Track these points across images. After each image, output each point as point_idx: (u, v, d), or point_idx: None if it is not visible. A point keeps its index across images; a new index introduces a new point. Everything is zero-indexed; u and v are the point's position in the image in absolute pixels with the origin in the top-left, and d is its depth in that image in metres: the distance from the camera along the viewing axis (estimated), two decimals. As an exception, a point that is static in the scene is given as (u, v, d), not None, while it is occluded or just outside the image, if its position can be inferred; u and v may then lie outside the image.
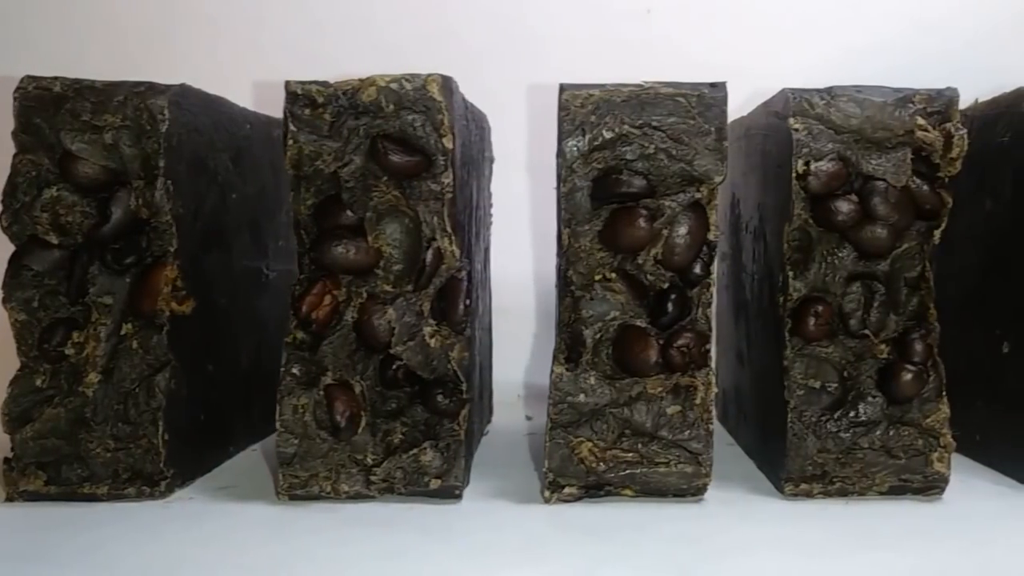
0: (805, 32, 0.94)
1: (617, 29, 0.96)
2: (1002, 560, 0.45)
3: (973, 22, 0.93)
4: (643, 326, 0.54)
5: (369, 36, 0.92)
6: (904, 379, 0.53)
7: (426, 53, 0.93)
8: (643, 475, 0.54)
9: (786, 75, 0.94)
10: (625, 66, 0.95)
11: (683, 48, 0.94)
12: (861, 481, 0.55)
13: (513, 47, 0.95)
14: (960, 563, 0.45)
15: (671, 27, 0.95)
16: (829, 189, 0.53)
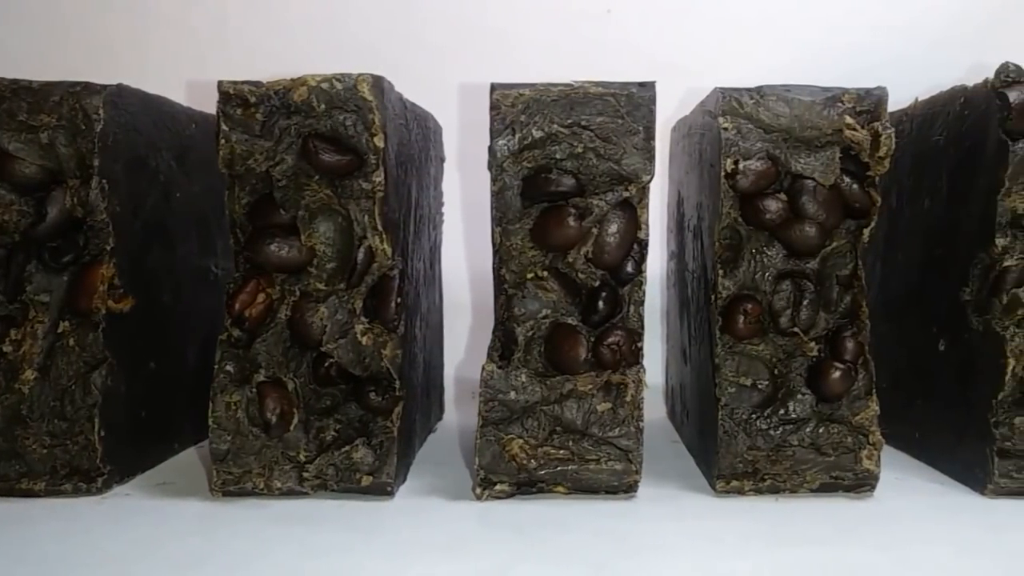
0: (768, 31, 0.94)
1: (577, 29, 0.96)
2: (923, 558, 0.46)
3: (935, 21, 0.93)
4: (574, 324, 0.54)
5: (332, 35, 0.92)
6: (833, 377, 0.54)
7: (386, 53, 0.93)
8: (574, 472, 0.54)
9: (746, 74, 0.94)
10: (585, 66, 0.95)
11: (643, 48, 0.95)
12: (792, 478, 0.55)
13: (474, 47, 0.95)
14: (878, 559, 0.45)
15: (631, 27, 0.96)
16: (758, 188, 0.54)
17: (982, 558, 0.46)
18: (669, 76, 0.87)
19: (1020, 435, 0.54)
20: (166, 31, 0.92)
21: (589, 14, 0.97)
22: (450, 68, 0.96)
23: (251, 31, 0.94)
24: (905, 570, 0.44)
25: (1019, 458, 0.54)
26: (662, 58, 0.94)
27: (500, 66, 0.94)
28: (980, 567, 0.45)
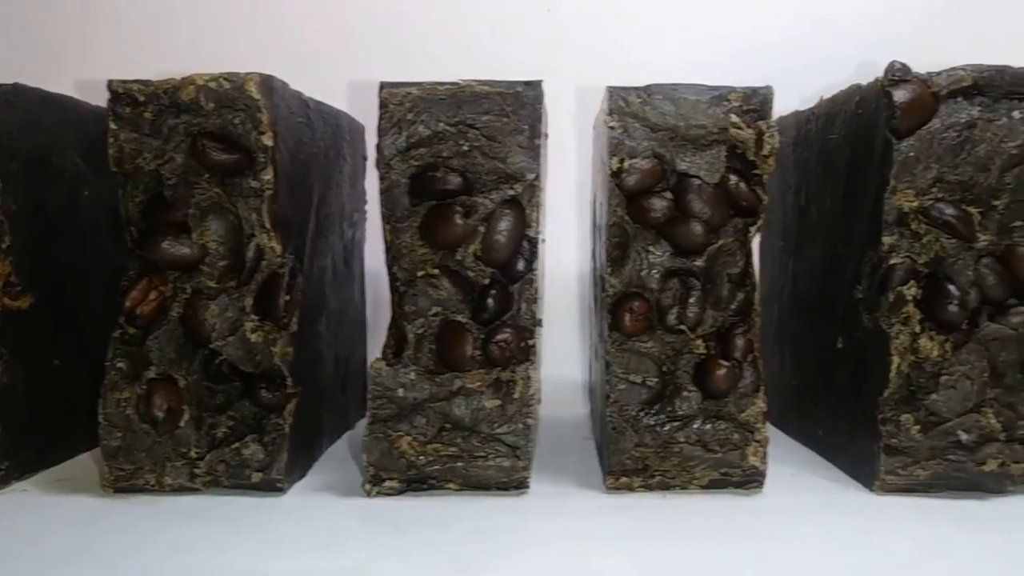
0: (706, 30, 0.94)
1: (518, 28, 0.96)
2: (792, 554, 0.46)
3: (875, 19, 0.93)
4: (463, 321, 0.54)
5: (272, 36, 0.93)
6: (718, 374, 0.54)
7: (325, 52, 0.93)
8: (463, 469, 0.54)
9: (682, 72, 0.94)
10: (526, 65, 0.95)
11: (584, 47, 0.95)
12: (681, 475, 0.55)
13: (417, 46, 0.95)
14: (744, 554, 0.46)
15: (572, 26, 0.96)
16: (643, 186, 0.54)
17: (852, 555, 0.46)
18: (610, 74, 0.87)
19: (906, 432, 0.54)
20: (111, 29, 0.93)
21: (530, 13, 0.97)
22: (390, 68, 0.96)
23: (196, 31, 0.94)
24: (768, 566, 0.44)
25: (905, 455, 0.54)
26: (602, 56, 0.95)
27: (440, 66, 0.94)
28: (846, 563, 0.45)
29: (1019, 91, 0.54)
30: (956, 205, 0.54)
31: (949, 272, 0.54)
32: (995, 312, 0.54)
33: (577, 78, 0.95)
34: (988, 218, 0.54)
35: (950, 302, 0.54)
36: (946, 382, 0.54)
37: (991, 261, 0.54)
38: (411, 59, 0.93)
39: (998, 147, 0.54)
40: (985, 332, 0.54)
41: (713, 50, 0.94)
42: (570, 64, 0.95)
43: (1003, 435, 0.54)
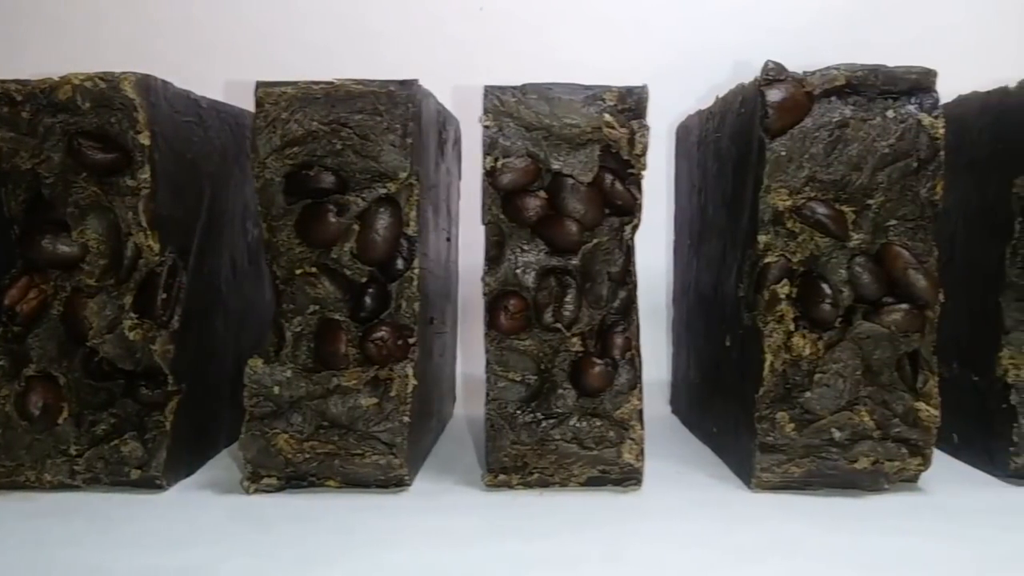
0: (641, 30, 0.94)
1: (450, 27, 0.96)
2: (641, 551, 0.46)
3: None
4: (340, 320, 0.55)
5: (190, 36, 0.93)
6: (592, 372, 0.54)
7: (260, 53, 0.93)
8: (341, 467, 0.55)
9: (615, 71, 0.95)
10: (458, 64, 0.96)
11: (516, 46, 0.95)
12: (559, 472, 0.55)
13: (350, 45, 0.96)
14: (589, 552, 0.46)
15: (504, 25, 0.96)
16: (517, 185, 0.54)
17: (707, 551, 0.46)
18: (541, 73, 0.87)
19: (781, 430, 0.54)
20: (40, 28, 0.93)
21: (462, 12, 0.97)
22: (324, 67, 0.96)
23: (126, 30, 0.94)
24: (616, 563, 0.45)
25: (780, 453, 0.55)
26: (534, 55, 0.95)
27: (371, 64, 0.95)
28: (697, 559, 0.45)
29: (893, 90, 0.54)
30: (829, 204, 0.54)
31: (823, 271, 0.55)
32: (869, 311, 0.55)
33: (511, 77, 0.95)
34: (862, 217, 0.55)
35: (823, 300, 0.54)
36: (820, 380, 0.54)
37: (865, 260, 0.54)
38: (336, 58, 0.93)
39: (871, 146, 0.54)
40: (859, 331, 0.54)
41: (654, 50, 0.94)
42: (502, 63, 0.95)
43: (877, 433, 0.54)
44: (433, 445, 0.66)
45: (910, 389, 0.55)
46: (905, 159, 0.54)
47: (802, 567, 0.44)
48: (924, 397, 0.55)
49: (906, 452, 0.55)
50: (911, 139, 0.54)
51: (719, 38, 0.93)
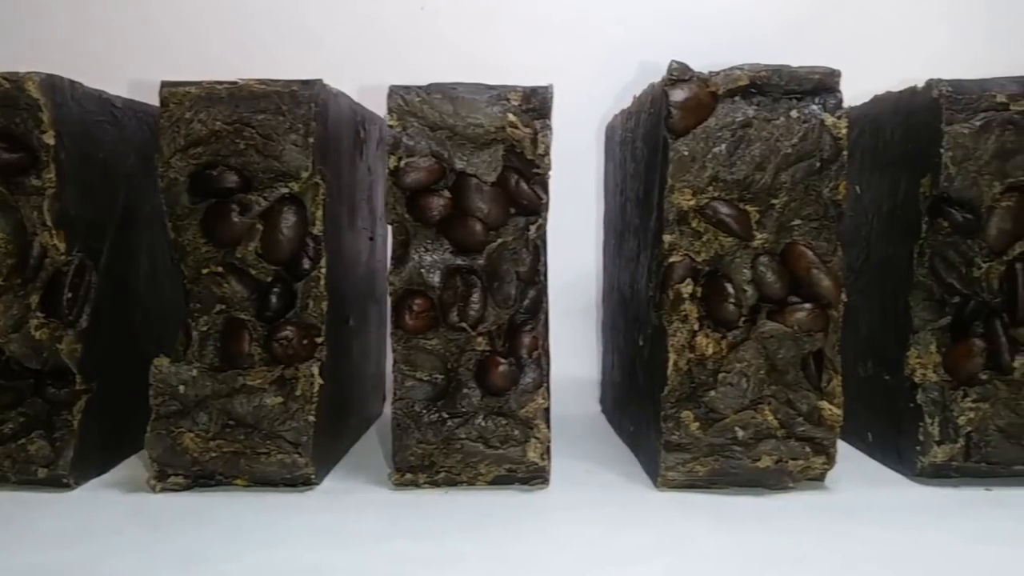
0: (577, 29, 0.95)
1: (391, 26, 0.96)
2: (520, 550, 0.46)
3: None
4: (245, 319, 0.55)
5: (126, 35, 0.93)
6: (496, 371, 0.54)
7: (196, 53, 0.93)
8: (247, 465, 0.55)
9: (554, 73, 0.95)
10: (399, 64, 0.96)
11: (456, 45, 0.95)
12: (466, 471, 0.56)
13: (288, 45, 0.96)
14: (469, 551, 0.46)
15: (445, 25, 0.96)
16: (421, 185, 0.54)
17: (597, 550, 0.47)
18: (482, 73, 0.87)
19: (686, 429, 0.55)
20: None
21: (403, 11, 0.97)
22: (262, 67, 0.96)
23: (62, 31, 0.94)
24: (493, 562, 0.45)
25: (685, 451, 0.55)
26: (475, 55, 0.95)
27: (311, 64, 0.95)
28: (584, 559, 0.45)
29: (797, 91, 0.54)
30: (732, 204, 0.54)
31: (728, 270, 0.55)
32: (774, 310, 0.55)
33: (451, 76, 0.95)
34: (767, 216, 0.55)
35: (726, 300, 0.54)
36: (724, 379, 0.55)
37: (769, 259, 0.55)
38: (275, 58, 0.93)
39: (774, 146, 0.54)
40: (763, 330, 0.55)
41: (590, 50, 0.94)
42: (442, 63, 0.96)
43: (781, 432, 0.55)
44: (352, 444, 0.66)
45: (815, 388, 0.55)
46: (808, 159, 0.54)
47: (687, 566, 0.45)
48: (828, 396, 0.55)
49: (810, 451, 0.55)
50: (814, 139, 0.54)
51: (659, 37, 0.94)
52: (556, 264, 0.87)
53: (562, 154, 0.88)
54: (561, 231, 0.88)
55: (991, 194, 0.55)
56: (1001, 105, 0.55)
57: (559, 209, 0.89)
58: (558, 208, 0.88)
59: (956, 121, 0.55)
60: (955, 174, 0.55)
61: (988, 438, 0.56)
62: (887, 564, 0.45)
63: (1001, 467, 0.56)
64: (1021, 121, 0.55)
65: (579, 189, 0.87)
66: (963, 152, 0.55)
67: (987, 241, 0.56)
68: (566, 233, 0.87)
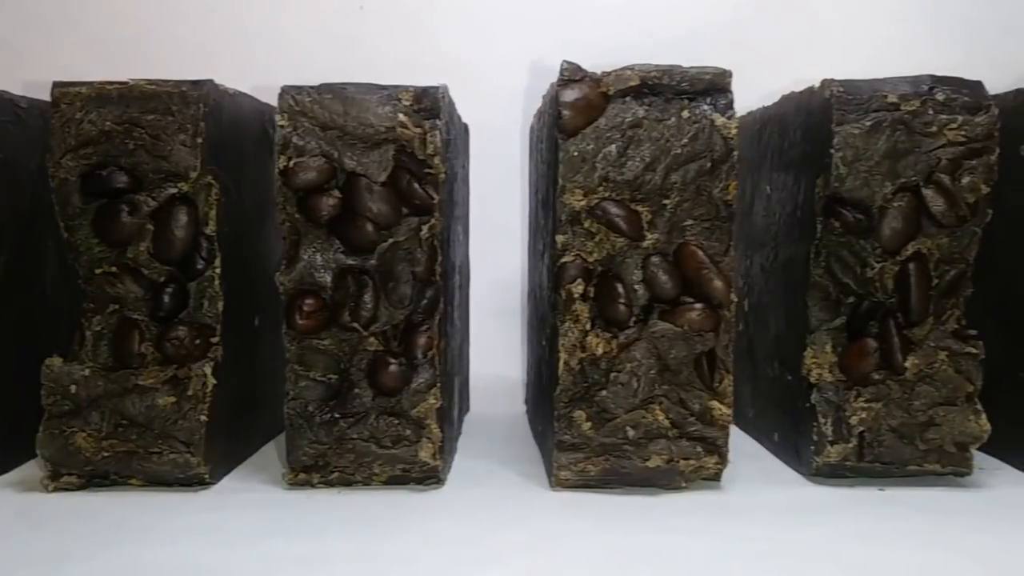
0: (520, 29, 0.95)
1: (330, 26, 0.96)
2: (387, 549, 0.46)
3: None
4: (137, 319, 0.55)
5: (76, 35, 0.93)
6: (387, 371, 0.54)
7: (133, 54, 0.93)
8: (140, 465, 0.55)
9: (491, 72, 0.95)
10: (337, 64, 0.96)
11: (395, 46, 0.95)
12: (360, 471, 0.56)
13: (226, 45, 0.95)
14: (342, 549, 0.46)
15: (383, 24, 0.96)
16: (312, 185, 0.54)
17: (466, 550, 0.47)
18: (421, 74, 0.87)
19: (578, 428, 0.55)
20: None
21: (342, 11, 0.97)
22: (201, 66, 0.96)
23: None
24: (356, 561, 0.45)
25: (578, 451, 0.55)
26: (414, 55, 0.95)
27: (249, 64, 0.95)
28: (449, 558, 0.46)
29: (688, 91, 0.55)
30: (623, 204, 0.55)
31: (619, 270, 0.55)
32: (666, 310, 0.55)
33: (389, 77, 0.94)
34: (659, 217, 0.55)
35: (617, 300, 0.54)
36: (615, 379, 0.55)
37: (660, 260, 0.55)
38: (212, 58, 0.93)
39: (664, 147, 0.54)
40: (654, 330, 0.55)
41: (525, 46, 0.94)
42: (380, 62, 0.95)
43: (672, 432, 0.55)
44: (265, 444, 0.66)
45: (707, 388, 0.55)
46: (699, 159, 0.54)
47: (554, 565, 0.45)
48: (719, 396, 0.55)
49: (702, 450, 0.55)
50: (705, 139, 0.54)
51: (599, 35, 0.93)
52: (487, 264, 0.88)
53: (495, 154, 0.89)
54: (492, 230, 0.88)
55: (882, 194, 0.55)
56: (892, 105, 0.55)
57: (491, 208, 0.89)
58: (490, 207, 0.89)
59: (847, 121, 0.55)
60: (846, 174, 0.55)
61: (881, 438, 0.56)
62: (757, 561, 0.45)
63: (895, 467, 0.56)
64: (912, 121, 0.55)
65: (509, 188, 0.87)
66: (854, 152, 0.55)
67: (880, 241, 0.56)
68: (497, 232, 0.88)
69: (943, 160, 0.55)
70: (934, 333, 0.56)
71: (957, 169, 0.55)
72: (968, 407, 0.55)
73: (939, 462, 0.56)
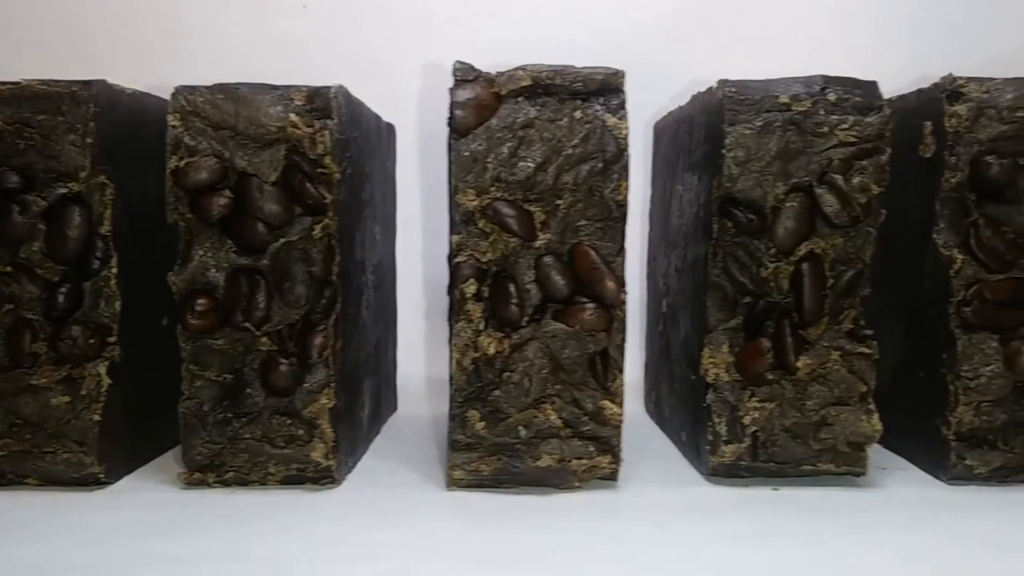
0: (455, 28, 0.95)
1: (273, 25, 0.96)
2: (266, 548, 0.47)
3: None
4: (30, 318, 0.55)
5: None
6: (276, 371, 0.55)
7: (91, 54, 0.93)
8: (36, 465, 0.55)
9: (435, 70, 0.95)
10: (280, 62, 0.96)
11: (340, 44, 0.95)
12: (255, 470, 0.56)
13: (167, 44, 0.96)
14: (220, 548, 0.46)
15: (327, 23, 0.96)
16: (203, 184, 0.54)
17: (336, 548, 0.47)
18: (364, 73, 0.88)
19: (471, 428, 0.55)
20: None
21: (285, 10, 0.97)
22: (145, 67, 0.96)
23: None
24: (233, 560, 0.45)
25: (472, 451, 0.55)
26: (359, 54, 0.95)
27: (195, 63, 0.95)
28: (308, 556, 0.46)
29: (582, 91, 0.55)
30: (515, 204, 0.55)
31: (512, 270, 0.55)
32: (559, 310, 0.55)
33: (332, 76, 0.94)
34: (552, 217, 0.55)
35: (509, 301, 0.54)
36: (508, 379, 0.55)
37: (553, 260, 0.55)
38: (154, 57, 0.93)
39: (556, 147, 0.54)
40: (547, 330, 0.55)
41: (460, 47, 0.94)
42: (326, 61, 0.95)
43: (565, 431, 0.55)
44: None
45: (601, 387, 0.55)
46: (591, 160, 0.55)
47: (422, 565, 0.45)
48: (611, 395, 0.55)
49: (594, 450, 0.55)
50: (597, 140, 0.54)
51: (537, 36, 0.93)
52: (417, 264, 0.88)
53: (429, 154, 0.89)
54: (423, 231, 0.89)
55: (775, 194, 0.55)
56: (783, 106, 0.55)
57: (427, 209, 0.90)
58: (420, 207, 0.89)
59: (739, 122, 0.55)
60: (738, 175, 0.55)
61: (774, 438, 0.56)
62: (631, 562, 0.45)
63: (790, 466, 0.56)
64: (803, 122, 0.55)
65: (439, 189, 0.87)
66: (745, 153, 0.55)
67: (774, 241, 0.56)
68: (428, 233, 0.88)
69: (835, 160, 0.55)
70: (828, 333, 0.56)
71: (849, 169, 0.55)
72: (861, 407, 0.55)
73: (833, 462, 0.56)
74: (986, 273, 0.56)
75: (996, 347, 0.55)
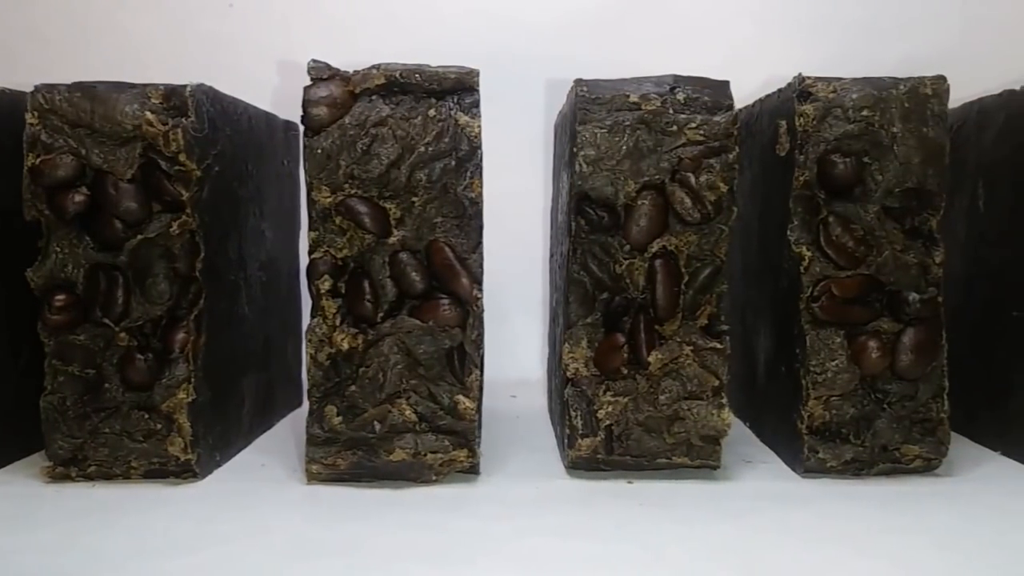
0: (388, 27, 0.95)
1: (199, 24, 0.97)
2: (100, 546, 0.47)
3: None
4: None
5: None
6: (132, 367, 0.55)
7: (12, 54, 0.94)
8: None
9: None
10: (207, 61, 0.96)
11: (264, 43, 0.95)
12: (118, 464, 0.57)
13: (98, 41, 0.96)
14: (61, 541, 0.47)
15: (253, 22, 0.96)
16: (60, 181, 0.55)
17: (170, 540, 0.48)
18: (290, 72, 0.89)
19: (328, 422, 0.56)
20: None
21: (211, 9, 0.97)
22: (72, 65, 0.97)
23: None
24: (52, 554, 0.46)
25: (329, 445, 0.56)
26: (285, 54, 0.95)
27: (118, 61, 0.96)
28: (136, 549, 0.47)
29: (436, 90, 0.55)
30: (369, 201, 0.55)
31: (368, 267, 0.56)
32: (415, 306, 0.56)
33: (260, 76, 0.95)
34: (408, 214, 0.56)
35: (364, 297, 0.55)
36: (363, 374, 0.55)
37: (408, 256, 0.56)
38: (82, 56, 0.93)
39: (409, 145, 0.55)
40: (402, 325, 0.55)
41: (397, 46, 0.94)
42: (252, 60, 0.96)
43: (421, 426, 0.56)
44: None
45: (458, 382, 0.56)
46: (444, 158, 0.55)
47: (249, 555, 0.45)
48: (467, 390, 0.56)
49: (450, 444, 0.56)
50: (449, 138, 0.55)
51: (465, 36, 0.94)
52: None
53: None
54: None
55: (626, 192, 0.56)
56: (634, 105, 0.56)
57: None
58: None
59: (590, 121, 0.56)
60: (589, 173, 0.56)
61: (629, 431, 0.57)
62: (434, 556, 0.46)
63: (645, 460, 0.57)
64: (653, 121, 0.55)
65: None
66: (596, 151, 0.56)
67: (627, 239, 0.56)
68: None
69: (685, 159, 0.55)
70: (683, 328, 0.56)
71: (699, 167, 0.55)
72: (713, 401, 0.56)
73: (688, 455, 0.57)
74: (835, 270, 0.56)
75: (841, 342, 0.56)
